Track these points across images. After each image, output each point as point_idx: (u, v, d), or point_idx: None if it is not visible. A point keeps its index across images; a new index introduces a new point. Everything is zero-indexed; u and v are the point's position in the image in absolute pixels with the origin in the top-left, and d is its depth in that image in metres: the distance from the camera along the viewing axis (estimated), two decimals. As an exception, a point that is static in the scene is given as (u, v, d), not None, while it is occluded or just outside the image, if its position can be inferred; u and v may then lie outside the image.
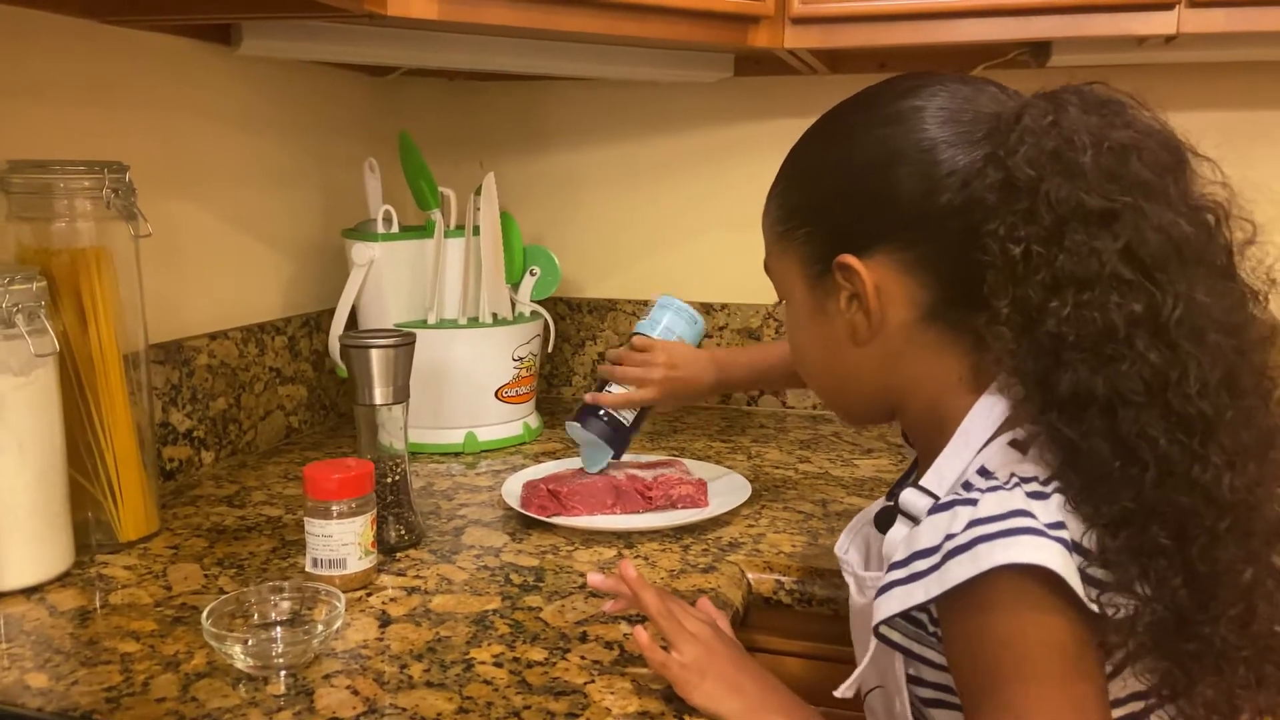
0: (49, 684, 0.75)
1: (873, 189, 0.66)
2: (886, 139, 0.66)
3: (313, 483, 0.90)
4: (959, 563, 0.57)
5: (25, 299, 0.87)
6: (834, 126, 0.71)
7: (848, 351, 0.71)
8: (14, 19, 1.02)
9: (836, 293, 0.69)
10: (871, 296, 0.67)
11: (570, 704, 0.72)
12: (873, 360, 0.70)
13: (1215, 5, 1.09)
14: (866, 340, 0.69)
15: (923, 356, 0.68)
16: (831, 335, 0.71)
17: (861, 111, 0.69)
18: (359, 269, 1.35)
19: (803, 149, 0.73)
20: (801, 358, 0.77)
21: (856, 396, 0.75)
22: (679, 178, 1.64)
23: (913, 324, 0.68)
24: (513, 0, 1.07)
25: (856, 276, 0.67)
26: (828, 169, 0.70)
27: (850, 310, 0.69)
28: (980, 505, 0.58)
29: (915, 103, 0.66)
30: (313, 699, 0.73)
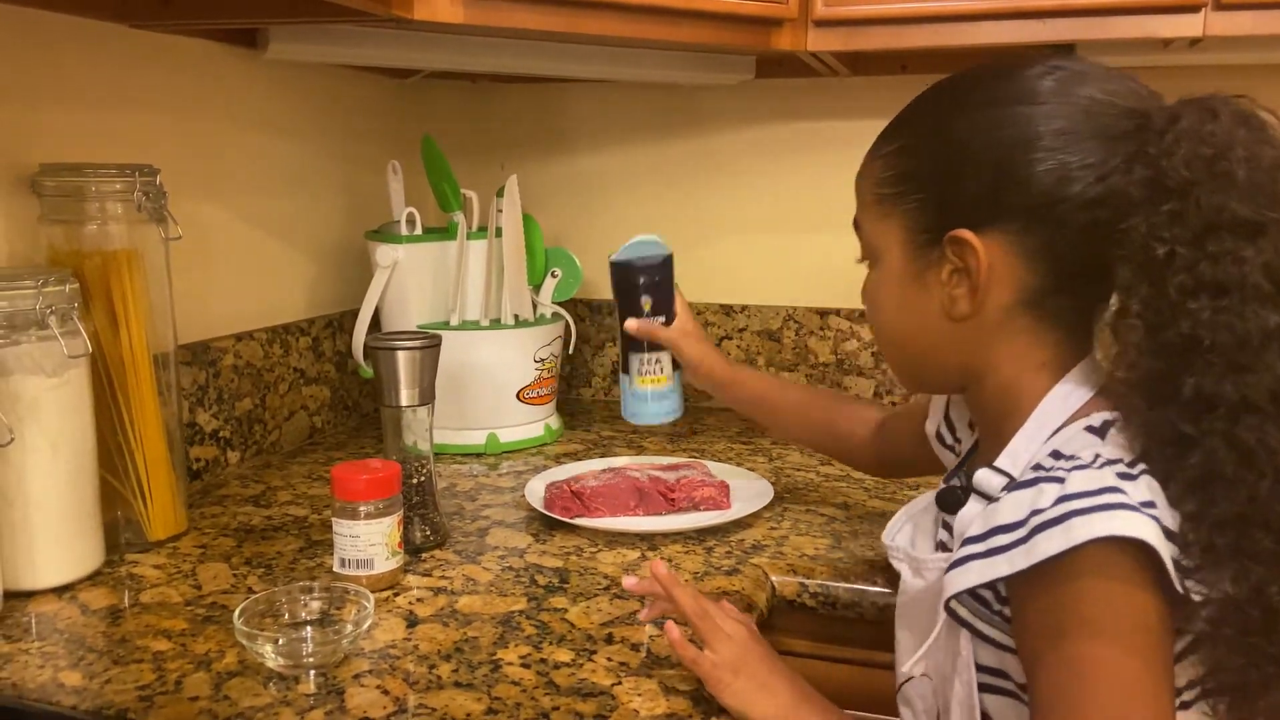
0: (83, 682, 0.76)
1: (1005, 168, 0.66)
2: (1026, 119, 0.65)
3: (341, 483, 0.91)
4: (1049, 536, 0.58)
5: (58, 301, 0.88)
6: (969, 95, 0.69)
7: (937, 324, 0.71)
8: (45, 24, 1.04)
9: (939, 265, 0.69)
10: (983, 275, 0.67)
11: (598, 705, 0.73)
12: (960, 336, 0.70)
13: (1242, 8, 1.08)
14: (963, 317, 0.69)
15: (1012, 338, 0.69)
16: (924, 306, 0.71)
17: (1002, 84, 0.68)
18: (382, 271, 1.36)
19: (926, 113, 0.72)
20: (882, 323, 0.76)
21: (932, 368, 0.75)
22: (700, 180, 1.64)
23: (1011, 306, 0.68)
24: (538, 3, 1.08)
25: (971, 253, 0.67)
26: (956, 138, 0.68)
27: (951, 284, 0.69)
28: (1069, 482, 0.60)
29: (1058, 86, 0.66)
30: (343, 698, 0.74)
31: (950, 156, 0.68)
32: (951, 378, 0.75)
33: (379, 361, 1.01)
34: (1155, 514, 0.58)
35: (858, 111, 1.55)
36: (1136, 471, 0.60)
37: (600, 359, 1.70)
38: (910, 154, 0.71)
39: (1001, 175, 0.66)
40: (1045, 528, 0.59)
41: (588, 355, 1.71)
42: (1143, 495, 0.59)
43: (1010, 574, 0.60)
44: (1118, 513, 0.58)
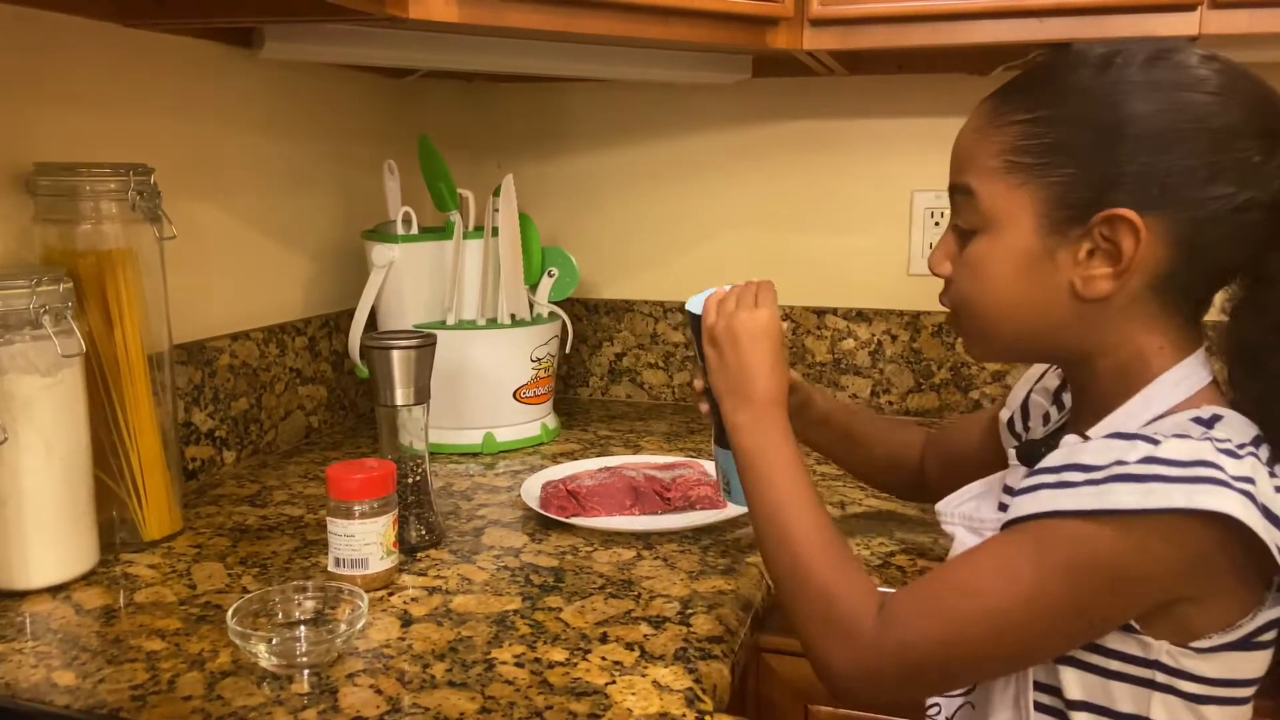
0: (76, 682, 0.76)
1: (1173, 153, 0.65)
2: (1200, 109, 0.65)
3: (335, 483, 0.91)
4: (1128, 489, 0.59)
5: (52, 300, 0.88)
6: (1128, 73, 0.67)
7: (1059, 301, 0.69)
8: (39, 23, 1.03)
9: (1078, 242, 0.67)
10: (1136, 258, 0.66)
11: (592, 704, 0.73)
12: (1084, 315, 0.69)
13: (1238, 6, 1.08)
14: (1101, 298, 0.68)
15: (1135, 321, 0.69)
16: (1049, 282, 0.69)
17: (1164, 68, 0.66)
18: (378, 270, 1.36)
19: (1079, 86, 0.68)
20: (985, 294, 0.72)
21: (1038, 342, 0.73)
22: (697, 179, 1.64)
23: (1142, 289, 0.68)
24: (533, 3, 1.08)
25: (1128, 235, 0.65)
26: (1122, 117, 0.66)
27: (1087, 264, 0.68)
28: (1164, 446, 0.60)
29: (1223, 79, 0.65)
30: (337, 698, 0.74)
31: (1111, 134, 0.66)
32: (1057, 354, 0.74)
33: (374, 361, 1.01)
34: (1252, 490, 0.58)
35: (854, 111, 1.55)
36: (1243, 452, 0.60)
37: (597, 358, 1.70)
38: (1059, 125, 0.68)
39: (1168, 162, 0.65)
40: (1125, 480, 0.59)
41: (585, 355, 1.71)
42: (1241, 472, 0.59)
43: (1072, 510, 0.61)
44: (1204, 486, 0.58)
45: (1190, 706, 0.64)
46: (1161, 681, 0.64)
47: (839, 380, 1.60)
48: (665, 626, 0.85)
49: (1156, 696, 0.64)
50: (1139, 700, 0.65)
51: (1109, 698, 0.66)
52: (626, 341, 1.69)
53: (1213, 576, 0.62)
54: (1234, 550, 0.59)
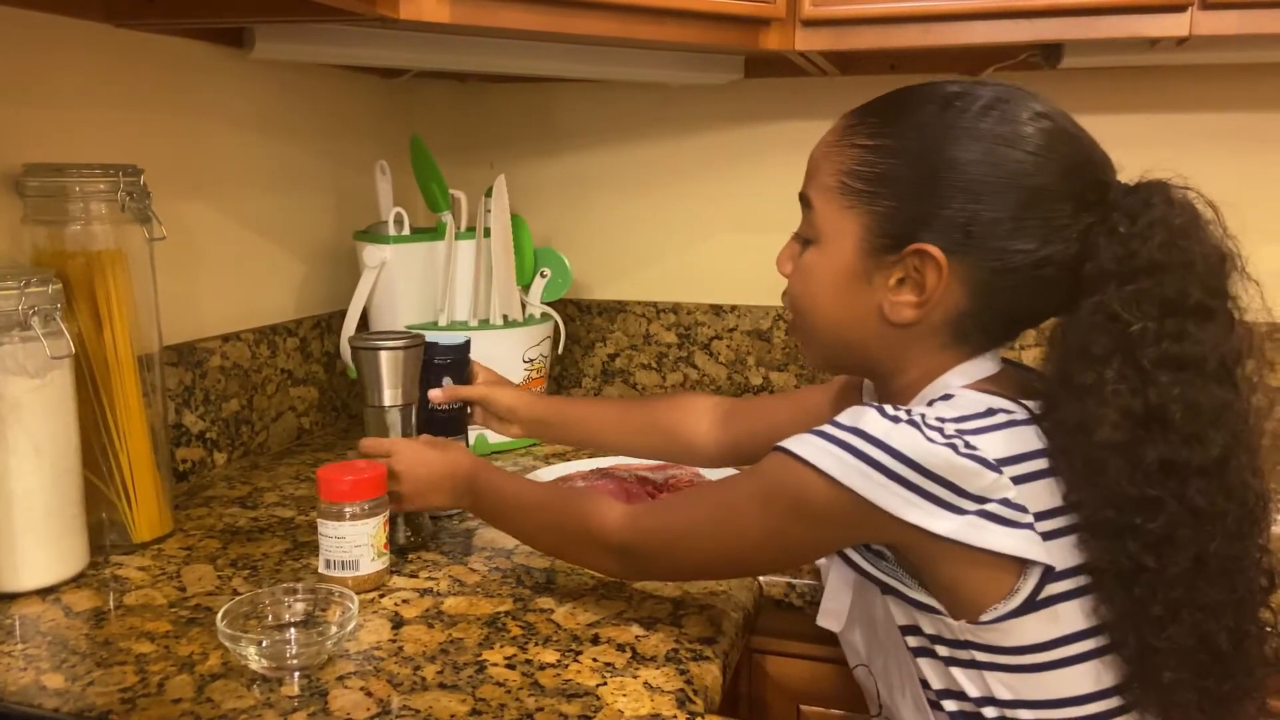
0: (65, 684, 0.76)
1: (985, 202, 0.69)
2: (1016, 165, 0.69)
3: (326, 485, 0.91)
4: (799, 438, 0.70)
5: (41, 301, 0.88)
6: (960, 119, 0.71)
7: (868, 321, 0.74)
8: (28, 23, 1.03)
9: (890, 269, 0.72)
10: (938, 295, 0.71)
11: (583, 706, 0.73)
12: (886, 337, 0.74)
13: (1228, 7, 1.08)
14: (903, 325, 0.73)
15: (929, 349, 0.74)
16: (863, 303, 0.74)
17: (994, 120, 0.70)
18: (370, 271, 1.35)
19: (917, 123, 0.72)
20: (809, 302, 0.78)
21: (847, 356, 0.79)
22: (689, 179, 1.64)
23: (939, 324, 0.73)
24: (525, 3, 1.07)
25: (933, 271, 0.70)
26: (945, 161, 0.70)
27: (896, 292, 0.72)
28: (854, 411, 0.69)
29: (1045, 139, 0.69)
30: (327, 700, 0.73)
31: (933, 175, 0.70)
32: (861, 367, 0.81)
33: (361, 362, 1.00)
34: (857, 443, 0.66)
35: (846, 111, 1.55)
36: (907, 416, 0.67)
37: (590, 359, 1.70)
38: (891, 157, 0.72)
39: (978, 210, 0.69)
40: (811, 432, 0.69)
41: (577, 355, 1.71)
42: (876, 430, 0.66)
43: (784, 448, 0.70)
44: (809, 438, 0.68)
45: (1027, 677, 0.67)
46: (983, 660, 0.68)
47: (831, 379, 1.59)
48: (657, 628, 0.85)
49: (990, 675, 0.68)
50: (978, 682, 0.69)
51: (956, 683, 0.70)
52: (619, 342, 1.68)
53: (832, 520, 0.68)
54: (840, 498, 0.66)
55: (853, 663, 0.83)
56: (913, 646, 0.72)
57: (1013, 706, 0.68)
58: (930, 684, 0.71)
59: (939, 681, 0.71)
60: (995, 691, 0.68)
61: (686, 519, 0.78)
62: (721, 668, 0.81)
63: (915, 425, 0.66)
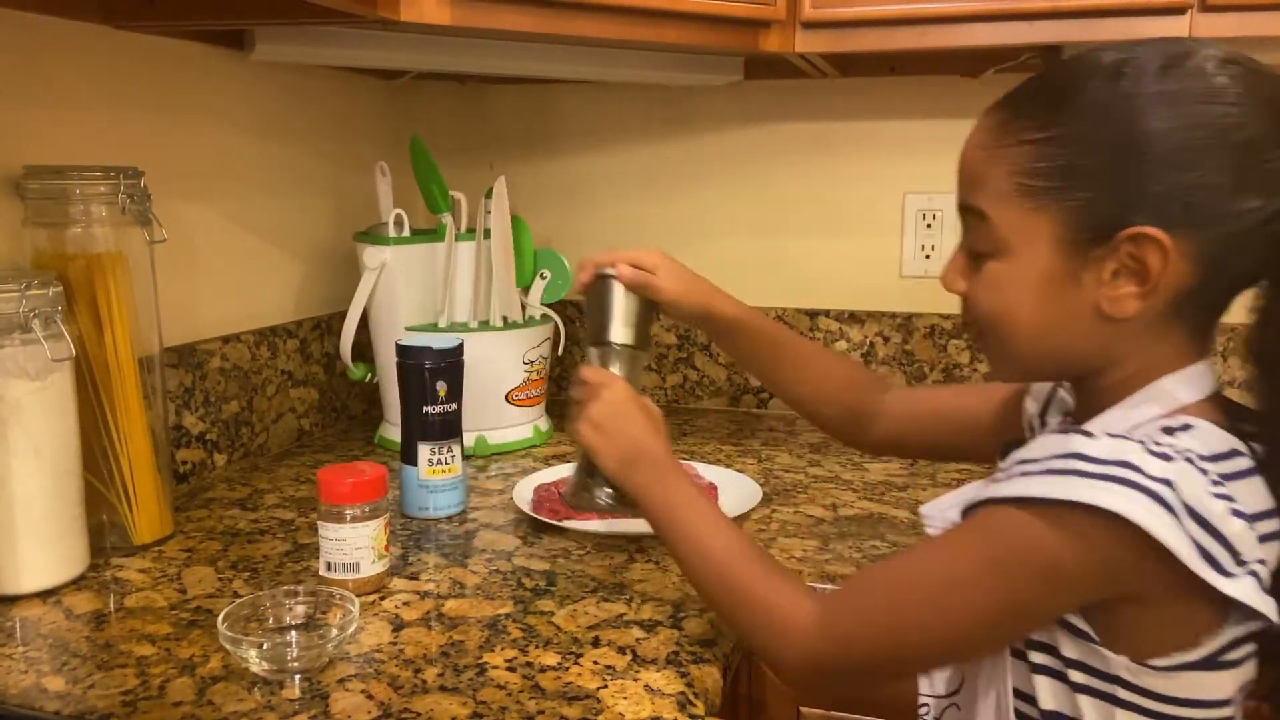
0: (66, 687, 0.76)
1: (1195, 169, 0.62)
2: (1218, 122, 0.62)
3: (326, 487, 0.91)
4: (1046, 481, 0.60)
5: (42, 304, 0.88)
6: (1141, 85, 0.64)
7: (1083, 322, 0.68)
8: (28, 25, 1.03)
9: (1101, 262, 0.65)
10: (1164, 277, 0.64)
11: (584, 709, 0.73)
12: (1103, 333, 0.68)
13: (1228, 9, 1.08)
14: (1124, 318, 0.66)
15: (1148, 336, 0.67)
16: (1074, 303, 0.67)
17: (1179, 77, 0.63)
18: (370, 272, 1.36)
19: (1092, 101, 0.65)
20: (1007, 316, 0.70)
21: (1054, 363, 0.72)
22: (689, 181, 1.64)
23: (1162, 308, 0.66)
24: (526, 5, 1.08)
25: (1155, 254, 0.63)
26: (1139, 135, 0.63)
27: (1113, 286, 0.66)
28: (1093, 444, 0.61)
29: (1240, 86, 0.63)
30: (328, 703, 0.73)
31: (1130, 154, 0.63)
32: (1066, 371, 0.73)
33: (594, 291, 0.88)
34: (1165, 493, 0.58)
35: (847, 113, 1.55)
36: (1180, 458, 0.59)
37: (590, 360, 1.70)
38: (1073, 145, 0.65)
39: (1190, 178, 0.62)
40: (1048, 473, 0.61)
41: (577, 357, 1.71)
42: (1163, 473, 0.58)
43: (1003, 496, 0.62)
44: (1109, 484, 0.58)
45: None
46: (1124, 698, 0.64)
47: (831, 382, 1.60)
48: (657, 630, 0.85)
49: (1120, 713, 0.64)
50: (1104, 715, 0.64)
51: (1076, 709, 0.65)
52: (619, 343, 1.68)
53: (1134, 580, 0.60)
54: (1150, 555, 0.58)
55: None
56: (1037, 663, 0.67)
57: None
58: (1040, 702, 0.67)
59: (1053, 703, 0.66)
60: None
61: (895, 613, 0.66)
62: (722, 670, 0.81)
63: (1192, 466, 0.59)
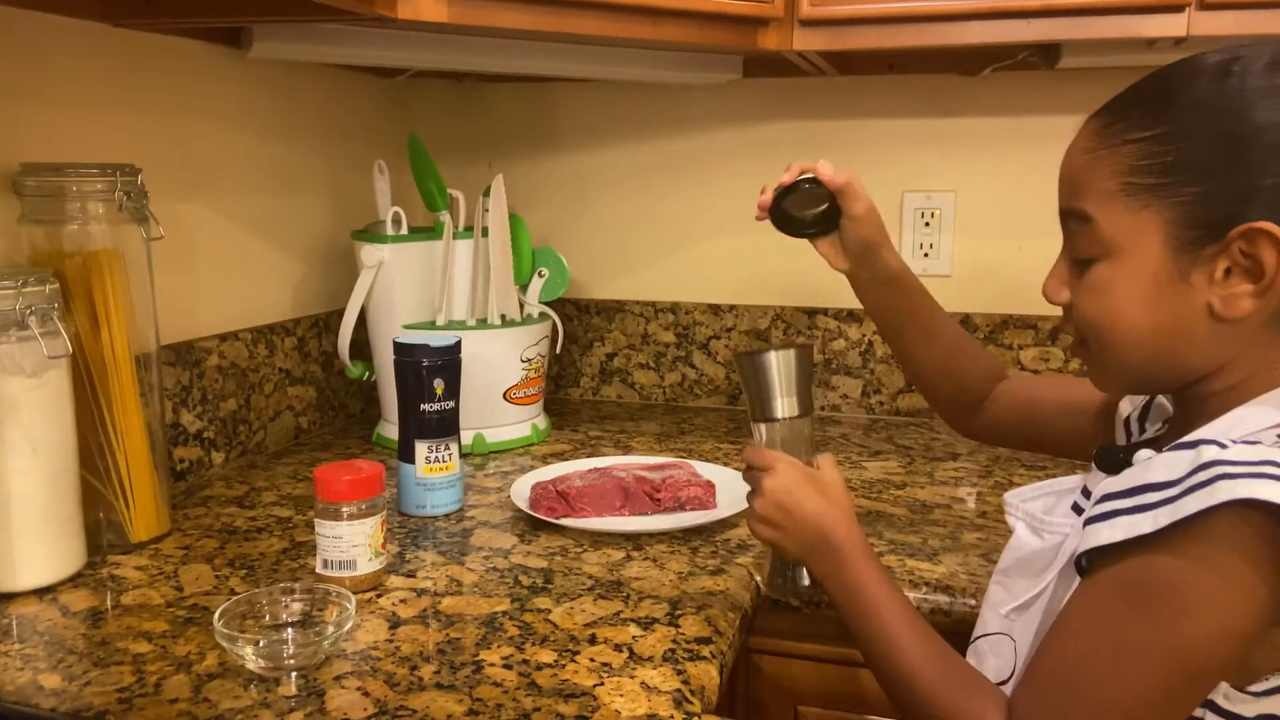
0: (62, 684, 0.76)
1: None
2: None
3: (323, 484, 0.91)
4: (1195, 497, 0.57)
5: (38, 301, 0.88)
6: (1247, 80, 0.63)
7: (1195, 323, 0.66)
8: (26, 22, 1.03)
9: (1213, 261, 0.64)
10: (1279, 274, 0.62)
11: (580, 706, 0.73)
12: (1215, 335, 0.66)
13: (1225, 7, 1.08)
14: (1241, 318, 0.64)
15: (1259, 339, 0.65)
16: (1183, 305, 0.65)
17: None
18: (368, 270, 1.35)
19: (1196, 98, 0.65)
20: (1116, 321, 0.69)
21: (1168, 368, 0.69)
22: (688, 179, 1.64)
23: (1277, 307, 0.64)
24: (524, 3, 1.08)
25: (1271, 249, 0.61)
26: (1249, 127, 0.62)
27: (1225, 285, 0.64)
28: (1229, 450, 0.58)
29: None
30: (323, 700, 0.73)
31: (1238, 146, 0.62)
32: (1175, 379, 0.70)
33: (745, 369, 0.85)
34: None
35: (846, 111, 1.55)
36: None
37: (588, 359, 1.70)
38: (1180, 140, 0.64)
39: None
40: (1196, 489, 0.57)
41: (575, 355, 1.71)
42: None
43: (1154, 530, 0.58)
44: (1266, 481, 0.55)
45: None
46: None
47: (830, 380, 1.60)
48: (654, 628, 0.85)
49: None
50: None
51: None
52: (617, 342, 1.68)
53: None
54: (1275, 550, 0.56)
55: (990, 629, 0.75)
56: None
57: None
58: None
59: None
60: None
61: (1095, 709, 0.61)
62: (719, 668, 0.81)
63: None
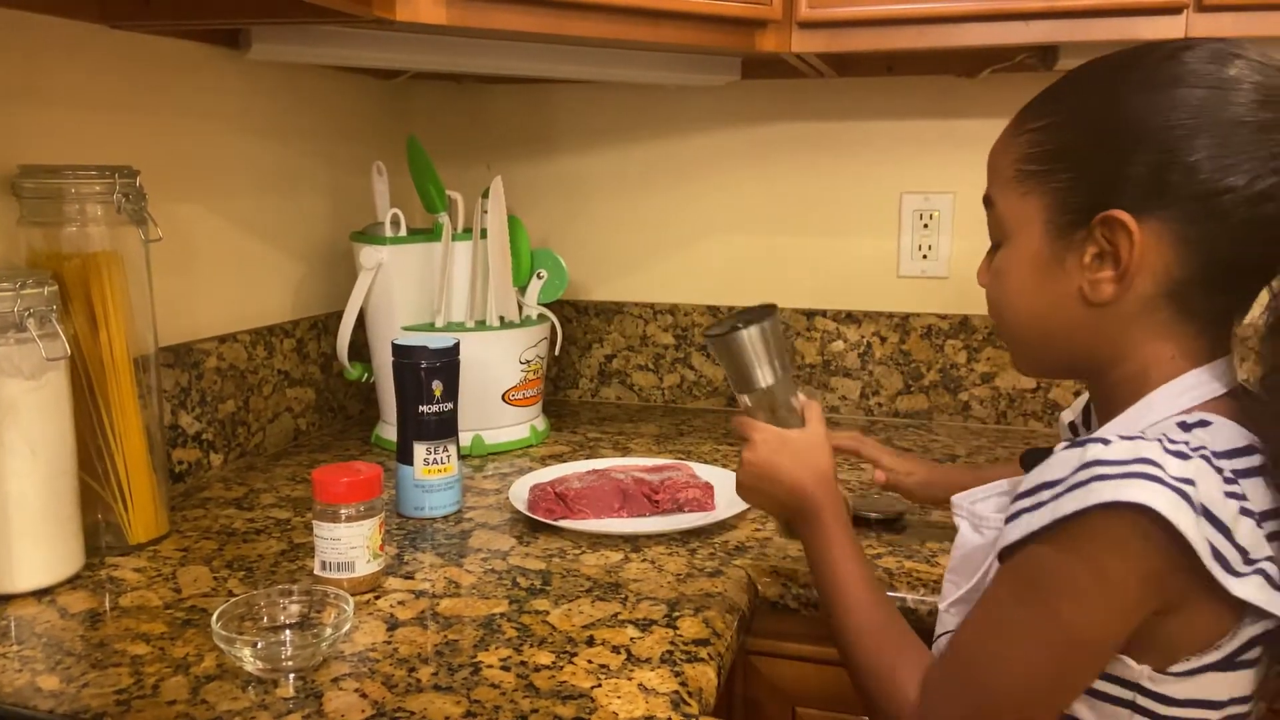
0: (60, 686, 0.76)
1: (1172, 151, 0.63)
2: (1199, 103, 0.63)
3: (321, 486, 0.91)
4: (1072, 496, 0.60)
5: (37, 303, 0.88)
6: (1129, 74, 0.66)
7: (1072, 308, 0.69)
8: (24, 24, 1.03)
9: (1082, 247, 0.67)
10: (1134, 261, 0.65)
11: (577, 708, 0.73)
12: (1093, 323, 0.68)
13: (1224, 9, 1.08)
14: (1104, 303, 0.67)
15: (1148, 329, 0.67)
16: (1060, 289, 0.69)
17: (1167, 66, 0.65)
18: (367, 272, 1.36)
19: (1082, 91, 0.69)
20: (1008, 303, 0.73)
21: (1055, 353, 0.73)
22: (686, 181, 1.64)
23: (1153, 296, 0.66)
24: (523, 5, 1.08)
25: (1124, 237, 0.65)
26: (1118, 118, 0.65)
27: (1093, 269, 0.67)
28: (1110, 448, 0.60)
29: (1231, 72, 0.63)
30: (321, 702, 0.73)
31: (1109, 136, 0.65)
32: (1075, 363, 0.72)
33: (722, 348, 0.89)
34: (1189, 489, 0.57)
35: (844, 112, 1.55)
36: (1196, 455, 0.59)
37: (587, 360, 1.70)
38: (1062, 130, 0.68)
39: (1166, 160, 0.63)
40: (1075, 488, 0.60)
41: (574, 356, 1.71)
42: (1183, 473, 0.58)
43: (1039, 529, 0.61)
44: (1134, 480, 0.57)
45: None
46: (1142, 704, 0.64)
47: (829, 382, 1.60)
48: (652, 629, 0.85)
49: (1137, 718, 0.64)
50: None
51: (1094, 714, 0.65)
52: (616, 343, 1.68)
53: (1167, 581, 0.60)
54: (1175, 552, 0.58)
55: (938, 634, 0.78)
56: None
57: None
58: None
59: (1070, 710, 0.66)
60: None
61: (990, 688, 0.65)
62: (716, 670, 0.81)
63: (1208, 464, 0.59)
